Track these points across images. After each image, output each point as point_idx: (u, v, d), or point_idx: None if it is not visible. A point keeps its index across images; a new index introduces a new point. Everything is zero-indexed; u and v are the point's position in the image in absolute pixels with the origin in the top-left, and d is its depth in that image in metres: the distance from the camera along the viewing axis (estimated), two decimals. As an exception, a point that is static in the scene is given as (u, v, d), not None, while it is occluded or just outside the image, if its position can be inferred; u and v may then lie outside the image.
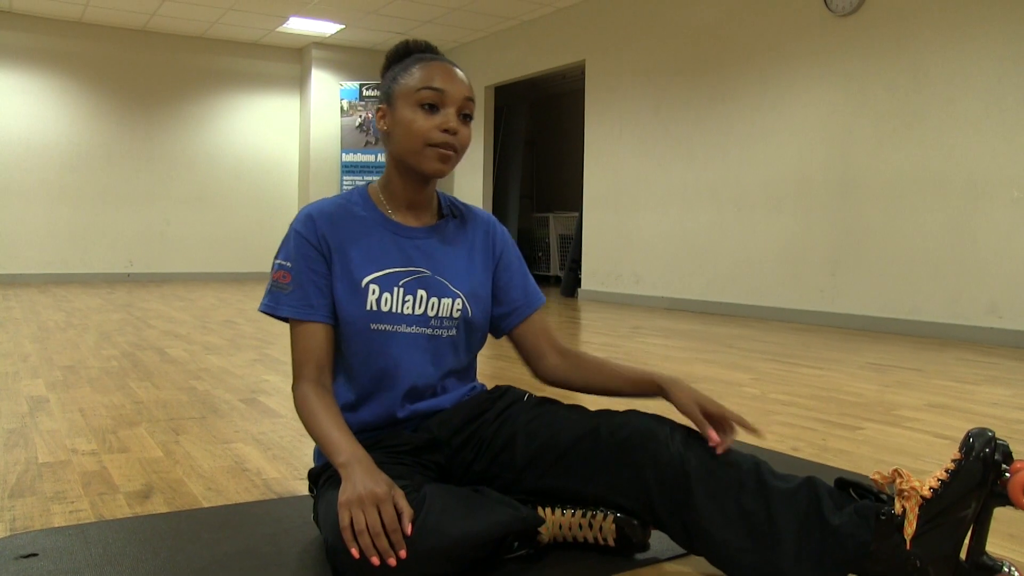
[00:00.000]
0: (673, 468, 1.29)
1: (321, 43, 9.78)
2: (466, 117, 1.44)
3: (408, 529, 1.17)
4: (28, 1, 8.20)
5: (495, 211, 9.93)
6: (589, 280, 7.77)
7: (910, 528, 1.15)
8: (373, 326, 1.43)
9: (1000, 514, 1.70)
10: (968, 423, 2.57)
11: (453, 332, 1.49)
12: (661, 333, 4.97)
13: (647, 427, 1.34)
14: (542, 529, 1.41)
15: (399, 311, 1.44)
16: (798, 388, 3.15)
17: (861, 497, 1.22)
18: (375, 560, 1.15)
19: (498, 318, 1.60)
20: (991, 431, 1.17)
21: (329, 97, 9.92)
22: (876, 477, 1.22)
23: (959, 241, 4.80)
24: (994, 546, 1.50)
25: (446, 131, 1.40)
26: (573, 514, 1.42)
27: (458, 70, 1.45)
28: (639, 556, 1.43)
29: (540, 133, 11.56)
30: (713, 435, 1.31)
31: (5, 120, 8.71)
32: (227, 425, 2.46)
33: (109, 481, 1.88)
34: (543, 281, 10.41)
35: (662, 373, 1.46)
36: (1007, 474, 1.14)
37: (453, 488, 1.33)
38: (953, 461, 1.17)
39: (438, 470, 1.48)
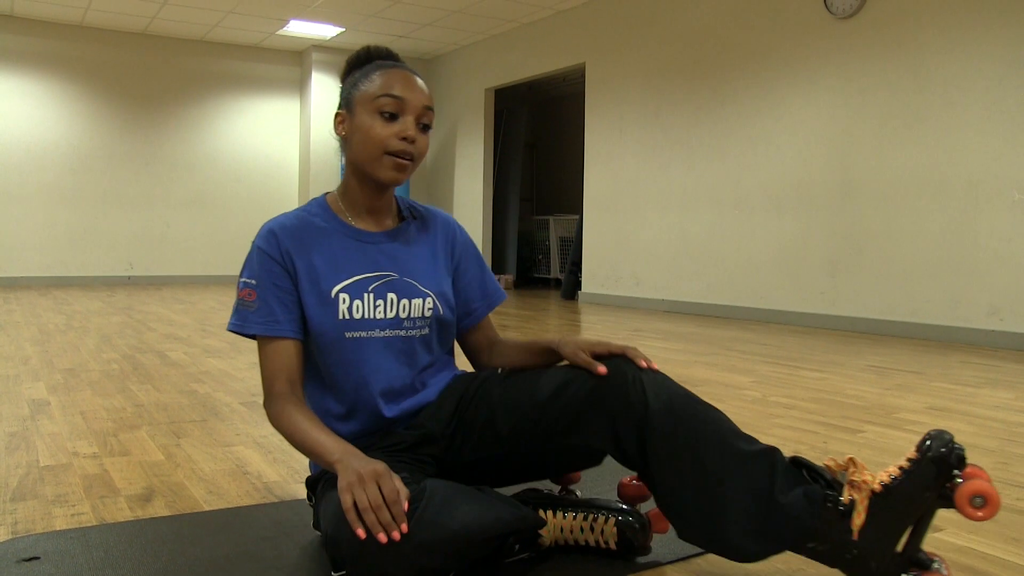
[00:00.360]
0: (638, 409, 1.29)
1: (321, 46, 9.79)
2: (425, 127, 1.45)
3: (405, 506, 1.18)
4: (29, 5, 8.21)
5: (495, 213, 9.92)
6: (589, 283, 7.77)
7: (859, 519, 1.18)
8: (348, 335, 1.43)
9: (1002, 517, 1.70)
10: (969, 426, 2.57)
11: (426, 331, 1.51)
12: (661, 336, 4.97)
13: (615, 368, 1.33)
14: (543, 532, 1.41)
15: (371, 316, 1.45)
16: (799, 391, 3.15)
17: (813, 479, 1.24)
18: (382, 537, 1.14)
19: (456, 320, 1.62)
20: (950, 435, 1.18)
21: (329, 100, 9.92)
22: (830, 463, 1.24)
23: (960, 243, 4.80)
24: (994, 549, 1.51)
25: (404, 139, 1.41)
26: (575, 517, 1.42)
27: (418, 79, 1.46)
28: (640, 560, 1.43)
29: (540, 136, 11.57)
30: (601, 368, 1.33)
31: (6, 123, 8.71)
32: (228, 428, 2.46)
33: (110, 484, 1.88)
34: (543, 284, 10.41)
35: (555, 336, 1.48)
36: (958, 479, 1.16)
37: (455, 484, 1.33)
38: (908, 460, 1.18)
39: (436, 464, 1.48)
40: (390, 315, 1.46)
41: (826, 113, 5.56)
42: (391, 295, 1.47)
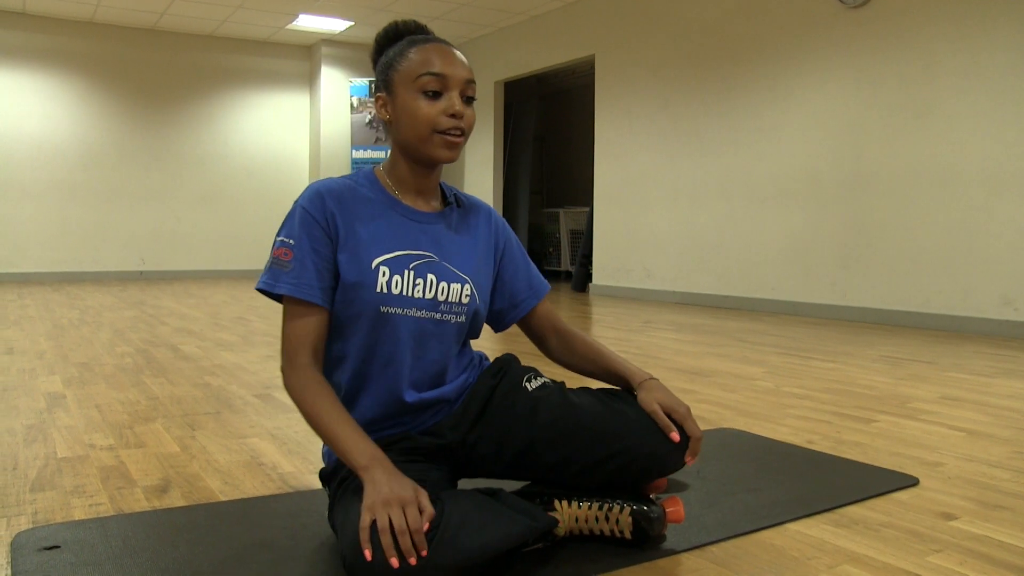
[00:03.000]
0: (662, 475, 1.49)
1: (330, 40, 9.79)
2: (469, 99, 1.41)
3: (426, 527, 1.18)
4: (41, 2, 8.24)
5: (505, 206, 9.92)
6: (600, 275, 7.77)
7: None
8: (383, 309, 1.39)
9: (1019, 506, 1.70)
10: (984, 415, 2.56)
11: (462, 319, 1.47)
12: (672, 327, 4.96)
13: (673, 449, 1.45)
14: (558, 522, 1.42)
15: (409, 294, 1.40)
16: (811, 381, 3.14)
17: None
18: (394, 561, 1.13)
19: (502, 311, 1.60)
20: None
21: (339, 94, 9.94)
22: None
23: (972, 233, 4.78)
24: (1011, 537, 1.50)
25: (452, 116, 1.38)
26: (590, 507, 1.42)
27: (456, 51, 1.42)
28: (656, 548, 1.43)
29: (550, 128, 11.55)
30: (675, 435, 1.42)
31: (18, 120, 8.76)
32: (242, 420, 2.47)
33: (127, 475, 1.89)
34: (554, 276, 10.41)
35: (638, 374, 1.53)
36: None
37: (470, 495, 1.32)
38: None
39: (451, 469, 1.49)
40: (428, 295, 1.42)
41: (836, 103, 5.53)
42: (431, 276, 1.42)
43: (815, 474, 1.90)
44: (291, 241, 1.38)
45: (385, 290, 1.38)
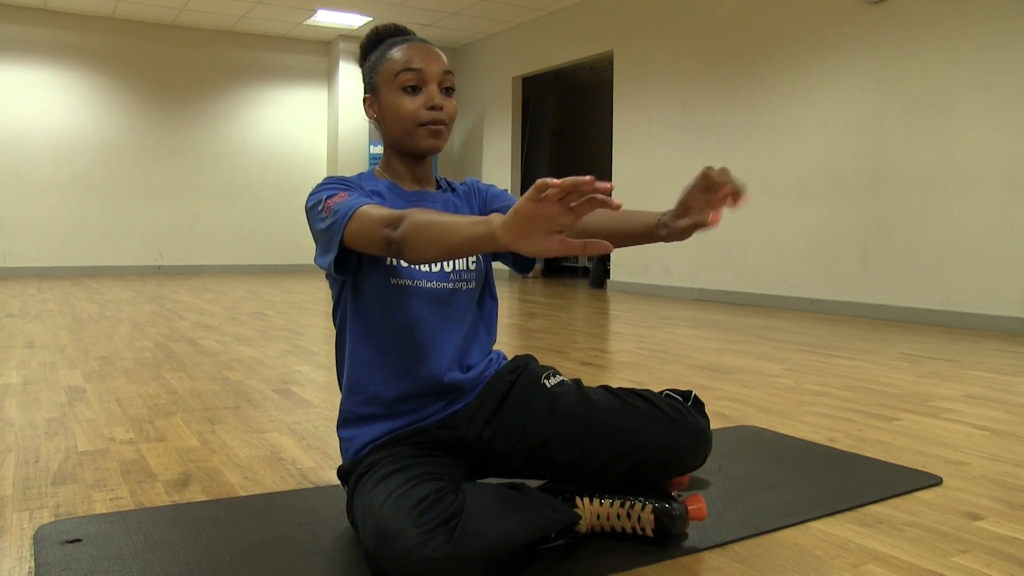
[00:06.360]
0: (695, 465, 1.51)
1: (349, 36, 9.80)
2: (448, 90, 1.48)
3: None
4: (60, -3, 8.31)
5: (522, 203, 9.90)
6: (618, 271, 7.74)
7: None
8: (393, 281, 1.45)
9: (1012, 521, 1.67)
10: (1007, 414, 2.53)
11: (472, 284, 1.52)
12: (691, 324, 4.94)
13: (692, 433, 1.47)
14: (580, 519, 1.41)
15: (416, 267, 1.46)
16: (832, 379, 3.12)
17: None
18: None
19: None
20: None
21: (357, 90, 9.94)
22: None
23: (994, 231, 4.72)
24: (1007, 549, 1.48)
25: (432, 108, 1.45)
26: (611, 504, 1.42)
27: (432, 47, 1.49)
28: (678, 546, 1.42)
29: (568, 124, 11.52)
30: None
31: (38, 115, 8.82)
32: (261, 415, 2.48)
33: (147, 469, 1.90)
34: (571, 273, 10.39)
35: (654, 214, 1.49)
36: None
37: (491, 487, 1.32)
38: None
39: (468, 465, 1.49)
40: (435, 269, 1.47)
41: (857, 99, 5.48)
42: None
43: (837, 472, 1.88)
44: (334, 191, 1.38)
45: (394, 262, 1.44)
